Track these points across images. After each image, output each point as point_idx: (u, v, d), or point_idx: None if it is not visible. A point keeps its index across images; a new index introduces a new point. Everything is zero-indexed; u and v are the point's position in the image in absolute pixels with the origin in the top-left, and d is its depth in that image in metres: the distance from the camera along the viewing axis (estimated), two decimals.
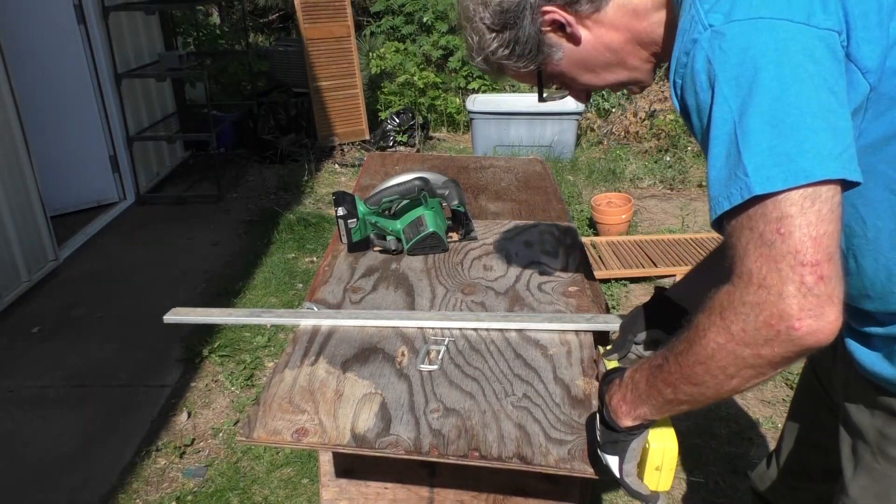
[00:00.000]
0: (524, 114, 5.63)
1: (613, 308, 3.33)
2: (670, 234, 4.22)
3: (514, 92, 6.53)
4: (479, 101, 5.91)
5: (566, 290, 1.58)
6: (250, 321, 1.56)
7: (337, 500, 1.34)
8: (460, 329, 1.41)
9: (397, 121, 6.03)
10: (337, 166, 5.81)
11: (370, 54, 7.14)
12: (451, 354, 1.32)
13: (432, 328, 1.41)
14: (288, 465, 2.44)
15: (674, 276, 3.61)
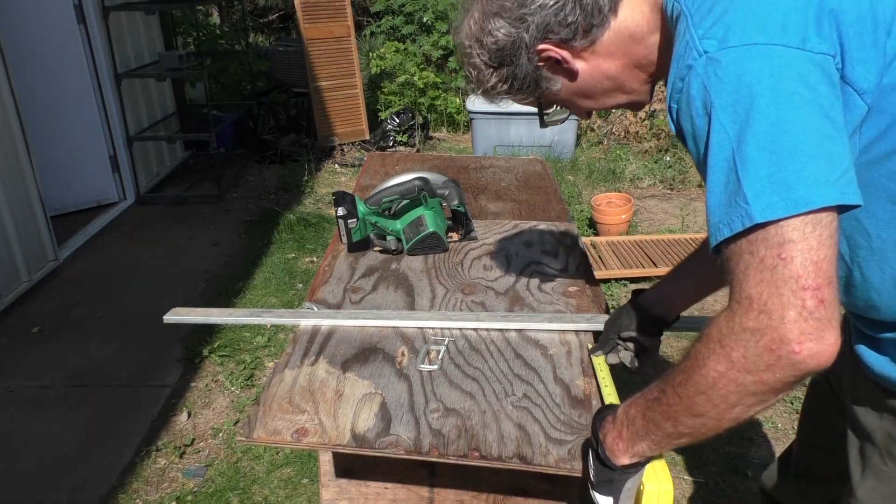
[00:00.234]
0: (524, 114, 5.62)
1: (613, 308, 3.32)
2: (670, 234, 4.22)
3: None
4: (479, 102, 5.90)
5: (566, 290, 1.58)
6: (250, 321, 1.56)
7: (337, 500, 1.34)
8: (460, 329, 1.41)
9: (397, 121, 6.03)
10: (337, 166, 5.81)
11: (370, 54, 7.13)
12: (451, 354, 1.33)
13: (432, 328, 1.42)
14: (288, 465, 2.44)
15: None
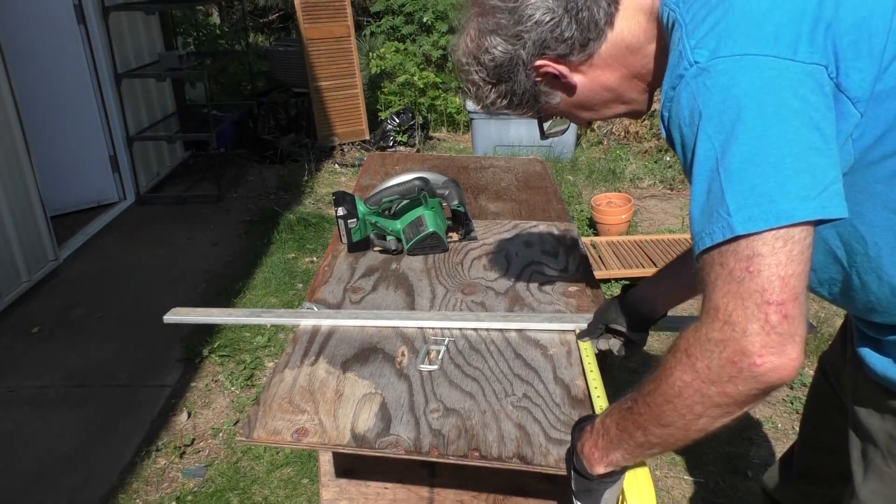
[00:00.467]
0: None
1: None
2: (670, 234, 4.22)
3: None
4: None
5: (566, 290, 1.58)
6: (250, 321, 1.56)
7: (337, 500, 1.34)
8: (460, 329, 1.41)
9: (397, 121, 6.02)
10: (337, 166, 5.81)
11: (370, 54, 7.13)
12: (451, 354, 1.33)
13: (432, 328, 1.42)
14: (288, 465, 2.44)
15: None
